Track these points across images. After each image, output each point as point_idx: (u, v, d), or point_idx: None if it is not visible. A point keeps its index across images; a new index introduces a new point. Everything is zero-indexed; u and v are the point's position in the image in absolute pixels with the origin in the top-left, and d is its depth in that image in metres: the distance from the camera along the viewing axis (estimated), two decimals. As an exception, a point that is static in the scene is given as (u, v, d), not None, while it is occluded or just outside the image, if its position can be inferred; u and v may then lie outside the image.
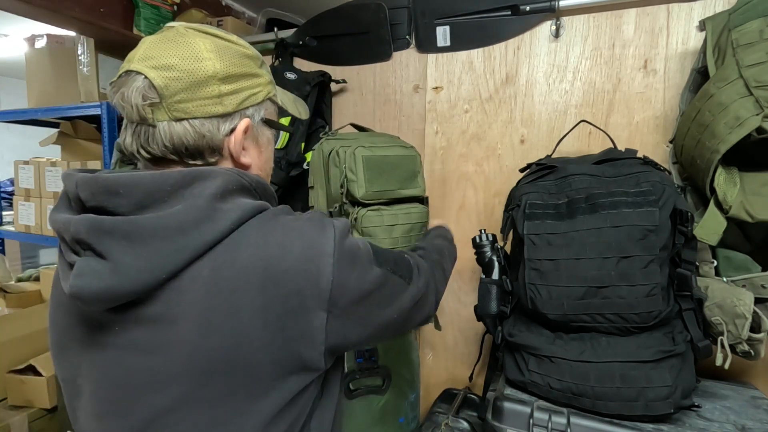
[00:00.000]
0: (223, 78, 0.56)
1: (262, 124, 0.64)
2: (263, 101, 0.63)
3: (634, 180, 0.92)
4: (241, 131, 0.59)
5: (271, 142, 0.68)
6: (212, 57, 0.55)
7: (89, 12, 1.50)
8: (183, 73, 0.54)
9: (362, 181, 1.06)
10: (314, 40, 1.51)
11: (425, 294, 0.71)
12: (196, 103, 0.55)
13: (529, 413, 0.89)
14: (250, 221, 0.54)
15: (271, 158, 0.70)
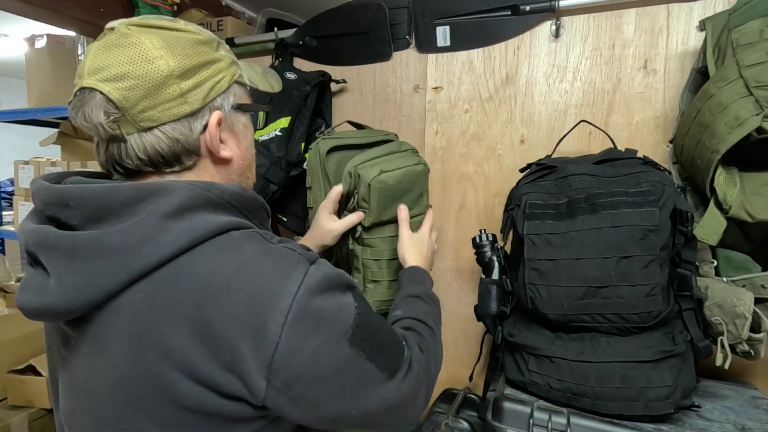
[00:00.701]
0: (181, 74, 0.52)
1: (234, 111, 0.59)
2: (230, 86, 0.58)
3: (634, 180, 0.92)
4: (213, 126, 0.55)
5: (248, 127, 0.64)
6: (163, 54, 0.51)
7: (89, 12, 1.50)
8: (138, 80, 0.50)
9: (374, 211, 1.05)
10: (314, 40, 1.51)
11: (411, 398, 0.57)
12: (160, 109, 0.51)
13: (529, 413, 0.89)
14: (205, 245, 0.48)
15: (251, 144, 0.66)
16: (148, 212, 0.47)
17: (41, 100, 1.89)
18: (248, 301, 0.45)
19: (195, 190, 0.50)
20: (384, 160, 1.10)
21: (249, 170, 0.66)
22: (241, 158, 0.62)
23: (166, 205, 0.47)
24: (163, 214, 0.47)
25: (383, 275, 1.11)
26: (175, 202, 0.48)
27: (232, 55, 0.61)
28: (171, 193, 0.48)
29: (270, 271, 0.47)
